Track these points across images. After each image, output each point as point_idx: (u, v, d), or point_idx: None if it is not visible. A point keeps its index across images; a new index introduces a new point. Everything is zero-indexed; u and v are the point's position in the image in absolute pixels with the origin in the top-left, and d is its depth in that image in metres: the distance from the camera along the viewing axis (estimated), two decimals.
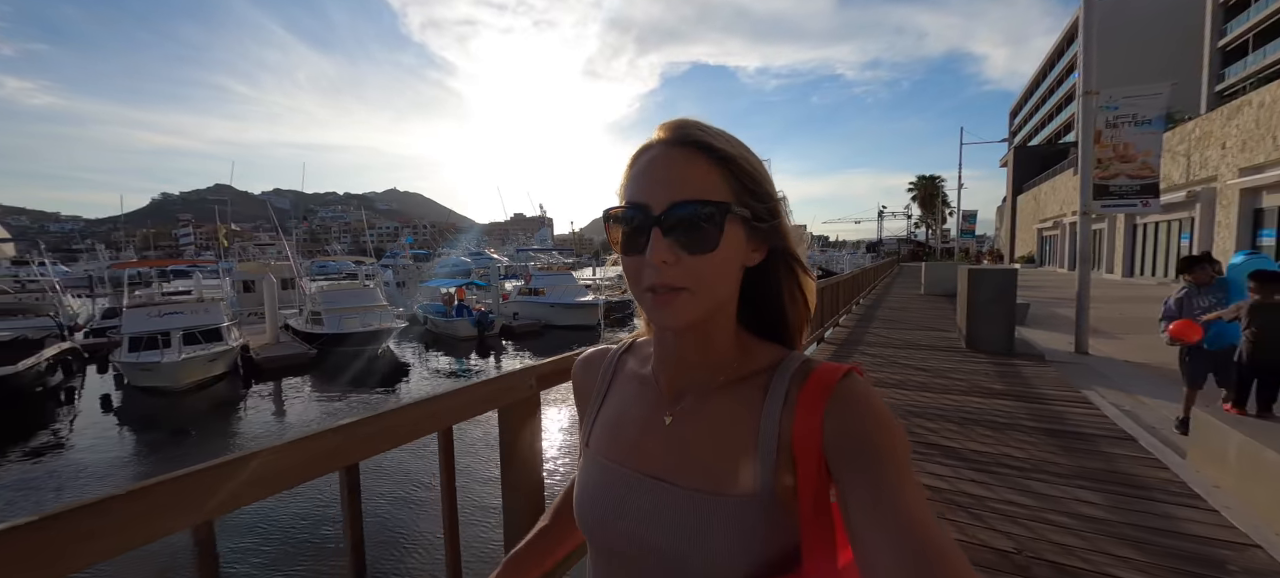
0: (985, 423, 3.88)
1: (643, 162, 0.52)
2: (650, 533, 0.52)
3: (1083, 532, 2.34)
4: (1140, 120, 6.55)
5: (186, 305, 14.74)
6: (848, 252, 77.57)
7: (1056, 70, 57.29)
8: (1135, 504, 2.59)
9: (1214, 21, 37.66)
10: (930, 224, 56.68)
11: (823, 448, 0.48)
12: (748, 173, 0.52)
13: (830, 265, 51.14)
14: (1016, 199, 45.13)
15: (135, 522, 0.64)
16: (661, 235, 0.49)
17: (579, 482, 0.61)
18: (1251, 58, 35.29)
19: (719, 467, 0.52)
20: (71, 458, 10.23)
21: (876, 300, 13.10)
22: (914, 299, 13.40)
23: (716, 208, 0.49)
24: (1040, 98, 63.67)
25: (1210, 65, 38.15)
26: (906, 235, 63.97)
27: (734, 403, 0.54)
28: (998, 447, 3.41)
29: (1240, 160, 14.13)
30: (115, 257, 60.02)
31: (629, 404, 0.61)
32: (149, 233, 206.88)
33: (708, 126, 0.52)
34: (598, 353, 0.70)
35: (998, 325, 6.38)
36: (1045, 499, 2.67)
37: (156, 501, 0.66)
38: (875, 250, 66.90)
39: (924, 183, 59.34)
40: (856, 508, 0.44)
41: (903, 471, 0.44)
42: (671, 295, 0.50)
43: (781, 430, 0.51)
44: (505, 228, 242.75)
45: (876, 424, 0.47)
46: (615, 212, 0.53)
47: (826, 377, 0.50)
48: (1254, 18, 34.74)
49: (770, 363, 0.56)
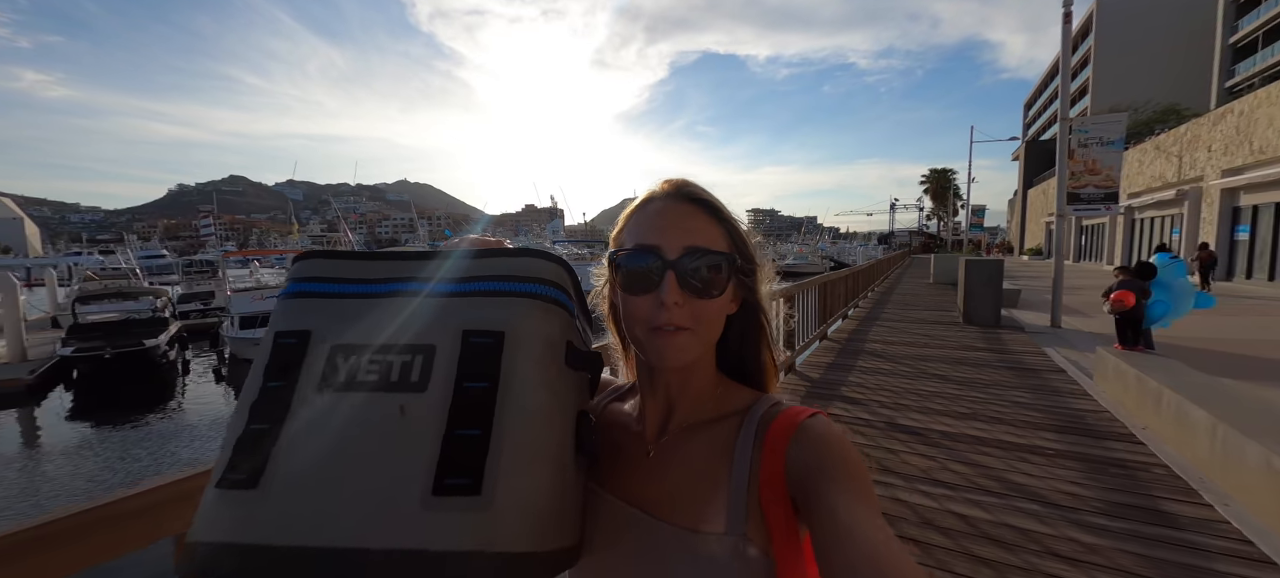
0: (968, 364, 5.69)
1: (650, 210, 0.57)
2: (630, 564, 0.55)
3: (1014, 413, 4.13)
4: (1105, 141, 8.23)
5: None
6: (859, 244, 78.76)
7: (1071, 63, 57.83)
8: (1052, 401, 4.38)
9: (1225, 18, 38.26)
10: (942, 217, 57.84)
11: (788, 483, 0.51)
12: (738, 232, 0.58)
13: (842, 257, 52.67)
14: (1027, 193, 46.14)
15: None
16: (676, 278, 0.53)
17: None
18: (1260, 55, 35.96)
19: (694, 502, 0.54)
20: (194, 417, 12.24)
21: (890, 288, 14.83)
22: (924, 287, 15.11)
23: (725, 258, 0.55)
24: (1054, 92, 64.12)
25: (1221, 62, 38.80)
26: (918, 228, 65.13)
27: (710, 441, 0.57)
28: (974, 374, 5.22)
29: (1223, 162, 15.60)
30: (144, 246, 63.49)
31: (617, 434, 0.64)
32: (171, 223, 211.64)
33: (702, 188, 0.59)
34: (601, 380, 0.72)
35: (987, 304, 8.14)
36: (997, 398, 4.47)
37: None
38: (887, 242, 68.21)
39: (936, 176, 60.42)
40: (820, 538, 0.44)
41: (866, 499, 0.46)
42: (675, 334, 0.54)
43: (752, 469, 0.53)
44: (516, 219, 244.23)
45: (836, 456, 0.49)
46: (622, 252, 0.56)
47: (792, 417, 0.54)
48: (1265, 15, 35.35)
49: (744, 405, 0.59)
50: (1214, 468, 2.88)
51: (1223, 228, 15.74)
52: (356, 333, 0.45)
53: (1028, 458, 3.21)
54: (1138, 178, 22.01)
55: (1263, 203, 14.23)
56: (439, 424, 0.41)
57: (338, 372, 0.43)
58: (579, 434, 0.48)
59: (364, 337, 0.45)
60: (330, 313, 0.47)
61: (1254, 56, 36.44)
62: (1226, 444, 2.79)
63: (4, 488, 8.68)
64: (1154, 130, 24.97)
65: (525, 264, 0.49)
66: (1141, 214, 22.13)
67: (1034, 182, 44.86)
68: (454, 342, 0.44)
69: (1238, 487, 2.67)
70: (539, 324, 0.47)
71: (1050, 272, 8.74)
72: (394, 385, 0.42)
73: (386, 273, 0.49)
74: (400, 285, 0.48)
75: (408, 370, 0.43)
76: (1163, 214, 19.77)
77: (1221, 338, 7.42)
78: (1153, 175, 20.49)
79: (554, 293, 0.49)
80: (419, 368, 0.43)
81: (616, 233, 0.59)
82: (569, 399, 0.48)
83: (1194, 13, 43.88)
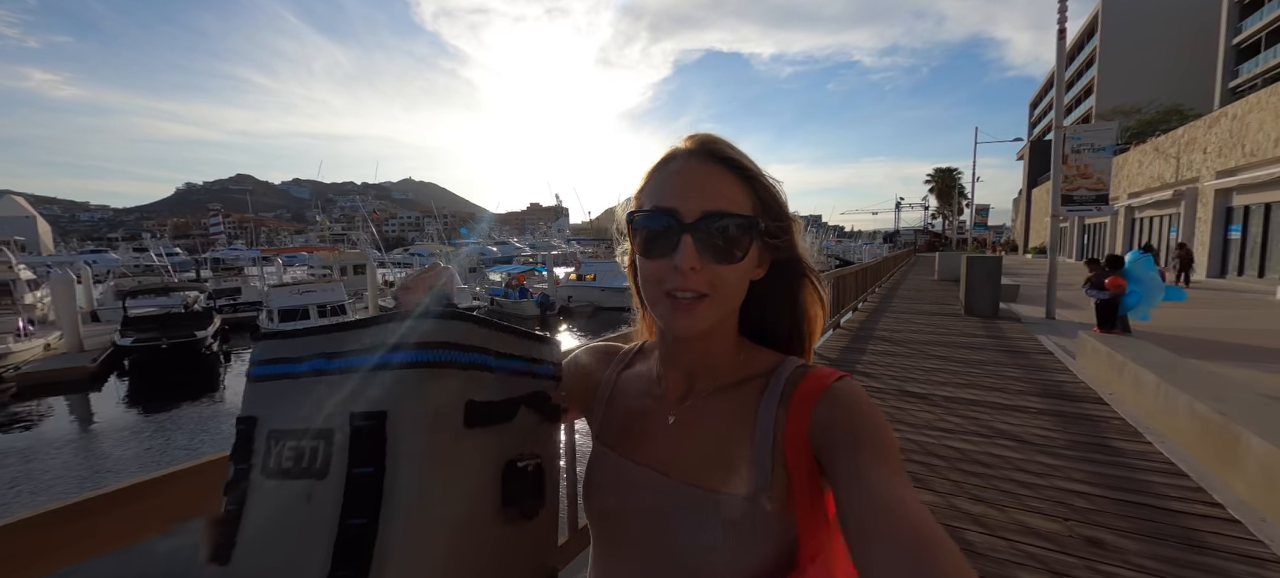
0: (968, 348, 6.45)
1: (670, 170, 0.54)
2: (653, 525, 0.54)
3: (1005, 383, 4.90)
4: (1096, 148, 8.95)
5: (317, 286, 17.82)
6: (864, 242, 79.30)
7: (1076, 63, 58.18)
8: (1038, 375, 5.14)
9: (1229, 19, 38.59)
10: (947, 216, 58.36)
11: (813, 445, 0.50)
12: (768, 191, 0.56)
13: (847, 255, 53.33)
14: (1031, 192, 46.60)
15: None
16: (692, 243, 0.51)
17: (588, 470, 0.63)
18: (1264, 55, 36.30)
19: (719, 465, 0.54)
20: (236, 403, 13.09)
21: (897, 284, 15.57)
22: (929, 283, 15.84)
23: (746, 222, 0.53)
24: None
25: (1224, 62, 39.16)
26: (923, 227, 65.64)
27: (733, 405, 0.57)
28: (972, 355, 5.99)
29: (1217, 164, 16.24)
30: (164, 239, 65.32)
31: (635, 401, 0.64)
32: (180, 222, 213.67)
33: (731, 144, 0.55)
34: (609, 349, 0.72)
35: (986, 297, 8.89)
36: (991, 373, 5.24)
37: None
38: (892, 241, 68.75)
39: (941, 175, 60.92)
40: (846, 501, 0.44)
41: (891, 462, 0.45)
42: (694, 303, 0.52)
43: (776, 431, 0.53)
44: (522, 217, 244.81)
45: (864, 418, 0.49)
46: (640, 213, 0.55)
47: (820, 379, 0.53)
48: (1268, 16, 35.66)
49: (768, 368, 0.58)
50: (1156, 417, 3.64)
51: (1217, 227, 16.39)
52: (283, 417, 0.45)
53: (1012, 414, 3.98)
54: (1138, 178, 22.62)
55: (1253, 203, 14.88)
56: (334, 512, 0.39)
57: (271, 456, 0.44)
58: (507, 487, 0.46)
59: (287, 421, 0.45)
60: (270, 396, 0.47)
61: (1257, 57, 36.77)
62: (1166, 398, 3.56)
63: (101, 459, 9.64)
64: (1157, 131, 25.55)
65: (409, 329, 0.44)
66: (1141, 213, 22.75)
67: (1038, 181, 45.30)
68: (345, 425, 0.42)
69: (1170, 428, 3.43)
70: (425, 395, 0.43)
71: (1044, 267, 9.46)
72: (304, 472, 0.42)
73: (309, 351, 0.47)
74: (321, 363, 0.46)
75: (314, 456, 0.42)
76: (1161, 213, 20.41)
77: (1193, 327, 8.15)
78: (1152, 176, 21.11)
79: (443, 355, 0.44)
80: (322, 454, 0.42)
81: (637, 191, 0.57)
82: (475, 462, 0.45)
83: (1198, 13, 44.20)
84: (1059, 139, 9.07)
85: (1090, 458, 3.16)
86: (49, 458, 9.64)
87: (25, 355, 14.08)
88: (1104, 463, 3.09)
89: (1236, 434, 2.76)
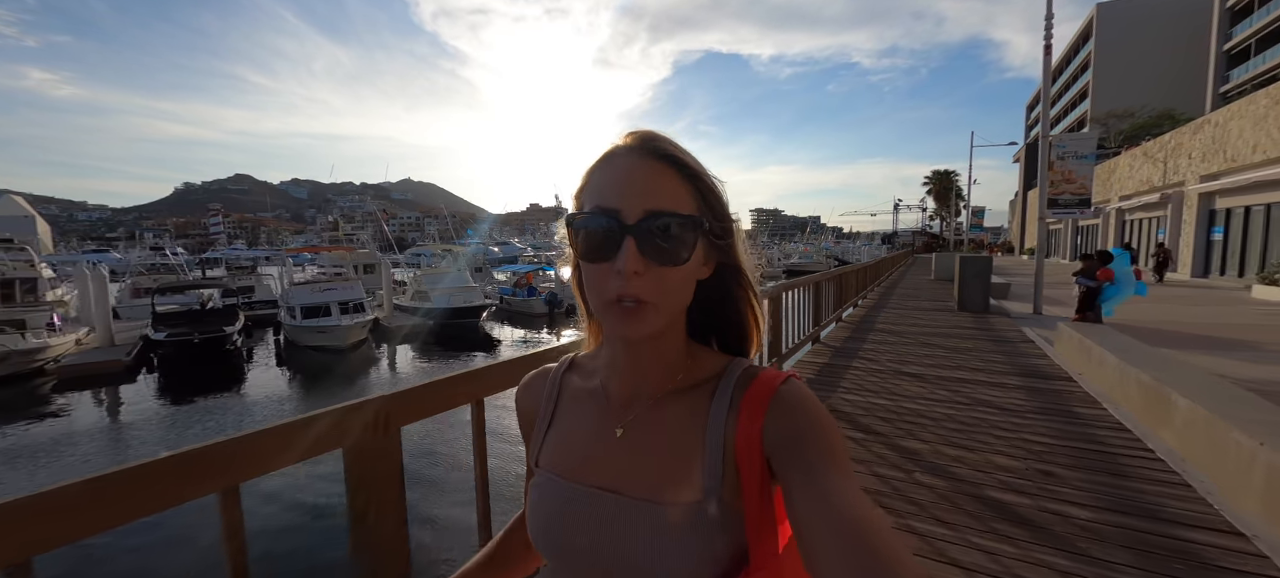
0: (959, 337, 7.12)
1: (610, 169, 0.52)
2: (605, 546, 0.53)
3: (989, 365, 5.57)
4: (1079, 155, 9.63)
5: (337, 284, 18.46)
6: (863, 243, 79.96)
7: (1071, 67, 59.04)
8: (1019, 360, 5.81)
9: (1220, 26, 39.41)
10: (944, 217, 59.17)
11: (764, 448, 0.50)
12: (711, 190, 0.54)
13: (845, 256, 54.12)
14: (1027, 194, 47.36)
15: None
16: (635, 245, 0.49)
17: (531, 501, 0.60)
18: (1254, 61, 37.11)
19: (669, 475, 0.53)
20: (263, 394, 13.63)
21: (895, 283, 16.26)
22: (925, 282, 16.53)
23: (690, 221, 0.51)
24: (1053, 95, 65.18)
25: (1216, 67, 39.98)
26: (921, 228, 66.44)
27: (682, 411, 0.56)
28: (962, 344, 6.66)
29: (1201, 169, 16.96)
30: (159, 240, 66.08)
31: (578, 420, 0.61)
32: (180, 222, 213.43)
33: (673, 141, 0.54)
34: (539, 375, 0.69)
35: (978, 293, 9.56)
36: (978, 358, 5.91)
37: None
38: (890, 242, 69.54)
39: (939, 177, 61.72)
40: (798, 503, 0.44)
41: (841, 465, 0.46)
42: (638, 308, 0.50)
43: (726, 436, 0.52)
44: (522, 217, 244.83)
45: (814, 423, 0.49)
46: (580, 216, 0.53)
47: (767, 382, 0.53)
48: (1258, 22, 36.49)
49: (716, 371, 0.58)
50: (1113, 389, 4.31)
51: (1201, 229, 17.12)
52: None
53: (992, 388, 4.65)
54: (1128, 182, 23.35)
55: (1234, 206, 15.60)
56: None
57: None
58: None
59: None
60: None
61: (1247, 63, 37.62)
62: (1121, 373, 4.22)
63: (143, 445, 10.29)
64: (1149, 135, 26.29)
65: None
66: (1131, 216, 23.50)
67: (1034, 183, 45.99)
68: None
69: (1123, 398, 4.10)
70: None
71: (1046, 269, 10.16)
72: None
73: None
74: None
75: None
76: (1149, 216, 21.14)
77: (1171, 321, 8.84)
78: (1141, 180, 21.84)
79: None
80: None
81: (577, 191, 0.55)
82: None
83: (1191, 19, 45.03)
84: (1045, 148, 9.76)
85: (1053, 419, 3.83)
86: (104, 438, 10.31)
87: (60, 350, 14.68)
88: (1064, 422, 3.76)
89: (1167, 396, 3.43)
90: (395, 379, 15.19)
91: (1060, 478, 2.89)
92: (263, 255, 39.14)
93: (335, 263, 28.75)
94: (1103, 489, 2.76)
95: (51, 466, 9.19)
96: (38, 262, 22.84)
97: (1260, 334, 7.76)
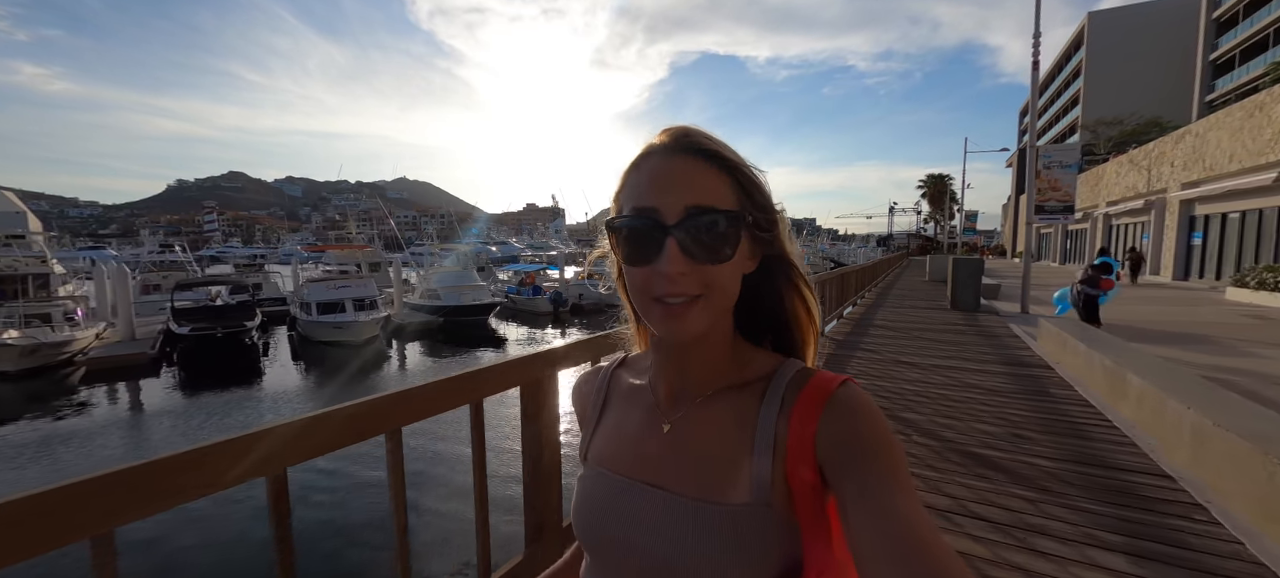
0: (951, 332, 7.77)
1: (647, 168, 0.52)
2: (649, 542, 0.52)
3: (977, 356, 6.21)
4: (1063, 165, 10.31)
5: (351, 282, 19.03)
6: (858, 244, 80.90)
7: (1063, 74, 60.13)
8: (1004, 350, 6.45)
9: (1207, 37, 40.46)
10: (939, 220, 60.14)
11: (817, 455, 0.49)
12: (751, 182, 0.53)
13: (841, 258, 55.00)
14: (1019, 198, 48.27)
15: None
16: (677, 245, 0.48)
17: (578, 494, 0.61)
18: (1238, 71, 38.14)
19: (716, 475, 0.52)
20: (281, 387, 14.17)
21: (891, 284, 16.94)
22: (920, 283, 17.22)
23: (731, 216, 0.50)
24: (1046, 102, 66.38)
25: (1202, 77, 41.01)
26: (916, 231, 67.42)
27: (731, 411, 0.55)
28: (953, 338, 7.30)
29: (1182, 177, 17.75)
30: (159, 236, 66.21)
31: (627, 415, 0.62)
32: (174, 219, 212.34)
33: (710, 134, 0.53)
34: (591, 372, 0.71)
35: (969, 293, 10.23)
36: (968, 349, 6.54)
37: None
38: (886, 244, 70.54)
39: (933, 181, 62.71)
40: (854, 515, 0.43)
41: (899, 476, 0.44)
42: (686, 307, 0.50)
43: (777, 438, 0.51)
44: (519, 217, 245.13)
45: (872, 432, 0.47)
46: (619, 218, 0.52)
47: (823, 384, 0.51)
48: (1242, 34, 37.50)
49: (767, 371, 0.56)
50: (1083, 374, 4.95)
51: (1181, 234, 17.91)
52: None
53: (979, 374, 5.28)
54: (1115, 188, 24.18)
55: (1212, 213, 16.39)
56: None
57: None
58: None
59: None
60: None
61: (1232, 73, 38.64)
62: (1088, 359, 4.85)
63: (181, 435, 10.79)
64: (1137, 142, 27.13)
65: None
66: (1118, 220, 24.34)
67: (1025, 188, 46.84)
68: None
69: (1091, 381, 4.74)
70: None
71: (1036, 272, 10.83)
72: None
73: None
74: None
75: None
76: (1134, 221, 21.97)
77: (1150, 319, 9.53)
78: (1127, 186, 22.66)
79: None
80: None
81: (615, 194, 0.55)
82: None
83: (1180, 29, 46.10)
84: (1032, 158, 10.44)
85: (1030, 398, 4.45)
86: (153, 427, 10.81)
87: (84, 343, 15.12)
88: (1038, 400, 4.39)
89: (1124, 376, 4.06)
90: (404, 376, 15.72)
91: (1032, 439, 3.51)
92: (261, 253, 39.54)
93: (342, 262, 29.17)
94: (1066, 447, 3.38)
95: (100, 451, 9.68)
96: (49, 258, 23.18)
97: (1223, 331, 8.46)
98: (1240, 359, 6.46)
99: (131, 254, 46.64)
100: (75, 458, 9.19)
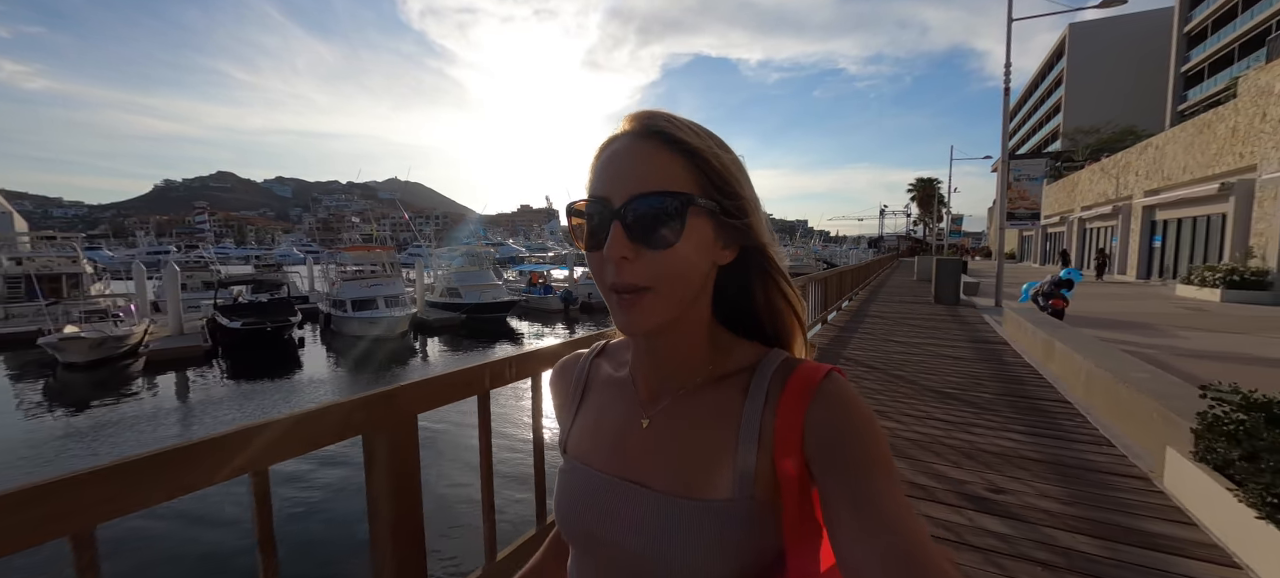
0: (933, 321, 9.26)
1: (607, 154, 0.51)
2: (629, 538, 0.52)
3: (951, 338, 7.67)
4: (1031, 177, 11.87)
5: (381, 280, 20.34)
6: (849, 246, 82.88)
7: (1045, 83, 62.46)
8: (974, 333, 7.93)
9: (1178, 50, 42.62)
10: (928, 222, 62.18)
11: (804, 448, 0.48)
12: (714, 166, 0.50)
13: (832, 259, 56.84)
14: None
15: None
16: (621, 229, 0.47)
17: (559, 487, 0.60)
18: (1208, 83, 40.28)
19: (698, 470, 0.51)
20: (319, 376, 15.39)
21: (882, 282, 18.49)
22: (908, 282, 18.78)
23: (677, 200, 0.48)
24: (1030, 109, 68.79)
25: (1174, 88, 43.16)
26: (906, 233, 69.46)
27: (713, 404, 0.54)
28: (935, 325, 8.78)
29: (1145, 185, 19.48)
30: (149, 237, 66.81)
31: (606, 408, 0.61)
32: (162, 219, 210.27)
33: (675, 117, 0.50)
34: (571, 360, 0.69)
35: (950, 289, 11.75)
36: (945, 333, 8.01)
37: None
38: (876, 246, 72.57)
39: (922, 185, 64.82)
40: (839, 510, 0.43)
41: (886, 471, 0.44)
42: (635, 298, 0.48)
43: (762, 431, 0.50)
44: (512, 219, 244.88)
45: (859, 425, 0.47)
46: (578, 205, 0.52)
47: (809, 375, 0.50)
48: (1211, 47, 39.60)
49: (750, 362, 0.55)
50: (1031, 348, 6.42)
51: (1144, 238, 19.65)
52: None
53: (953, 348, 6.74)
54: (1088, 193, 25.96)
55: (1170, 218, 18.10)
56: None
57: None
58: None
59: None
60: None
61: (1202, 84, 40.80)
62: (1032, 336, 6.32)
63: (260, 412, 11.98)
64: (1111, 151, 29.00)
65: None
66: (1090, 224, 26.15)
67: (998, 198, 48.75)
68: None
69: (1033, 351, 6.21)
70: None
71: (1016, 271, 12.35)
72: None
73: None
74: None
75: None
76: (1104, 225, 23.74)
77: (1108, 311, 11.09)
78: (1098, 193, 24.44)
79: None
80: None
81: (586, 183, 0.53)
82: None
83: (1153, 41, 48.40)
84: (1004, 172, 11.99)
85: (988, 363, 5.92)
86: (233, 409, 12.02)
87: (138, 337, 16.24)
88: (994, 364, 5.85)
89: (1051, 342, 5.53)
90: (427, 367, 16.99)
91: (983, 383, 4.97)
92: (256, 253, 40.42)
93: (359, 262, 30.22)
94: (1004, 389, 4.84)
95: (177, 428, 10.90)
96: (81, 257, 24.17)
97: (1161, 320, 10.02)
98: (1163, 339, 7.98)
99: (126, 254, 47.51)
100: (169, 432, 10.42)
